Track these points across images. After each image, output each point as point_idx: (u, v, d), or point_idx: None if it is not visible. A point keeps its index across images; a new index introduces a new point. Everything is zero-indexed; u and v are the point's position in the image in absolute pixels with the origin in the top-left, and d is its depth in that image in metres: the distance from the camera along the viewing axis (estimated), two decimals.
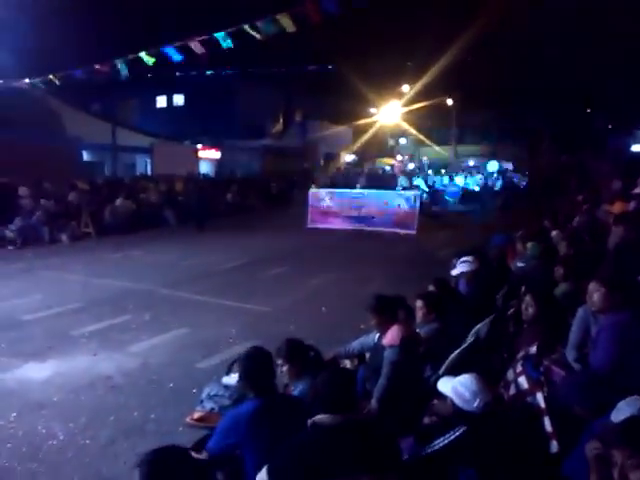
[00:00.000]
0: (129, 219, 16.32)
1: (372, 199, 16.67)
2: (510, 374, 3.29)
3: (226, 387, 4.07)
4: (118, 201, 16.70)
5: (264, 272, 10.45)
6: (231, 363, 4.28)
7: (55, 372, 5.72)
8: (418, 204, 15.97)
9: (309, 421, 2.60)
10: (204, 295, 8.76)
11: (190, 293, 8.89)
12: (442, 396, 2.79)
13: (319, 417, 2.58)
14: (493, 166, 32.94)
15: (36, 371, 5.74)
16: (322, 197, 17.09)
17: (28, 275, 10.29)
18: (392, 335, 3.90)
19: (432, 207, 21.04)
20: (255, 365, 3.14)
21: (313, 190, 17.82)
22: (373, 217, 16.25)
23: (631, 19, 23.38)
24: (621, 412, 2.44)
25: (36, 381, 5.51)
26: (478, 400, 2.58)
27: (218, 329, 7.07)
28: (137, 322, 7.37)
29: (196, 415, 3.99)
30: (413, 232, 15.38)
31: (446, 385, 2.73)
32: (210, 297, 8.65)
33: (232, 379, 3.95)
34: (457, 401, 2.62)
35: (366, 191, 17.71)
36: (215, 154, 30.50)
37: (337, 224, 16.47)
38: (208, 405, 4.02)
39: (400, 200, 16.19)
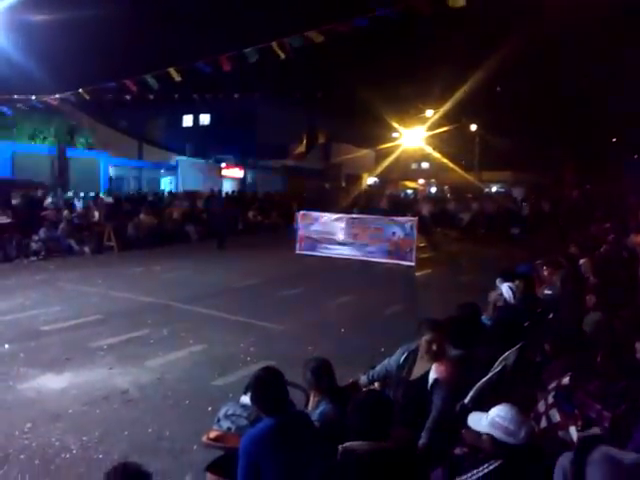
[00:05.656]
0: (151, 234, 16.44)
1: (366, 225, 15.00)
2: (541, 406, 3.12)
3: (244, 407, 3.94)
4: (141, 216, 16.87)
5: (282, 291, 10.37)
6: (249, 382, 4.18)
7: (71, 384, 5.68)
8: (415, 233, 14.10)
9: (340, 447, 2.52)
10: (221, 311, 8.72)
11: (208, 309, 8.85)
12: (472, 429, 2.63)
13: (350, 444, 2.49)
14: (519, 192, 32.87)
15: (53, 382, 5.72)
16: (312, 220, 15.57)
17: (49, 287, 10.34)
18: (450, 371, 3.67)
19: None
20: (265, 386, 3.09)
21: (302, 212, 16.18)
22: (367, 245, 14.69)
23: None
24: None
25: (52, 392, 5.47)
26: (523, 431, 2.43)
27: (235, 346, 6.98)
28: (154, 337, 7.33)
29: (212, 434, 3.85)
30: (412, 264, 13.75)
31: (479, 422, 2.55)
32: (227, 314, 8.59)
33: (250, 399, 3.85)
34: (498, 435, 2.45)
35: (360, 216, 16.14)
36: (238, 173, 30.79)
37: (328, 252, 14.94)
38: (225, 424, 3.88)
39: (395, 227, 14.37)
